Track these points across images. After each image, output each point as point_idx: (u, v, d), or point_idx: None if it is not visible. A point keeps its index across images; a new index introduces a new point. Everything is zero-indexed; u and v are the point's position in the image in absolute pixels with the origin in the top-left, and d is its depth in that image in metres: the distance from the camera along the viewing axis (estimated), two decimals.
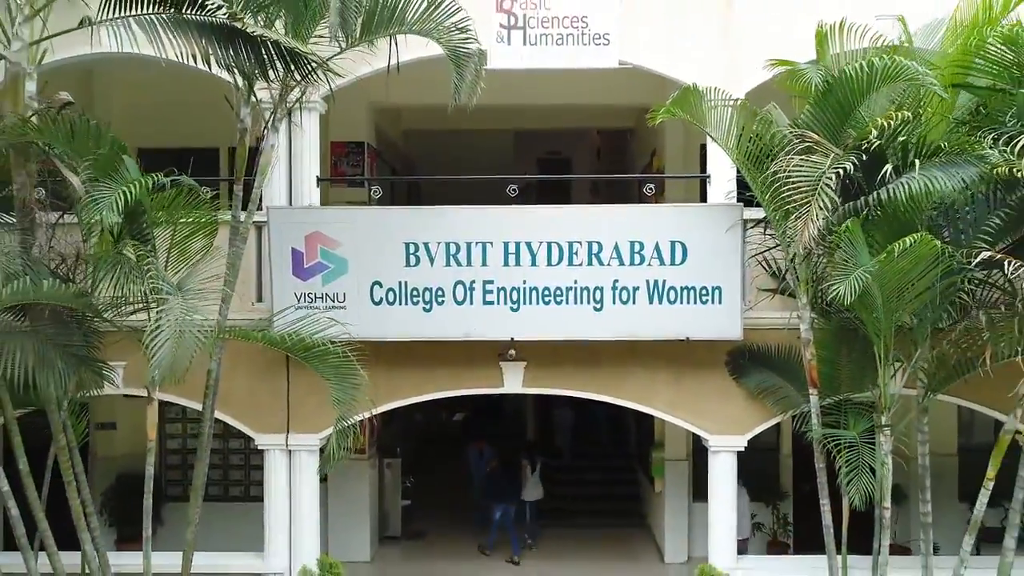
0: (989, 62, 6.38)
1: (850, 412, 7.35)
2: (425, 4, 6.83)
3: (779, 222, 6.81)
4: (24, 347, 5.65)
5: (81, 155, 5.64)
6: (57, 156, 5.68)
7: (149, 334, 5.31)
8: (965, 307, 6.36)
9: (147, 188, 5.51)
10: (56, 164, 5.66)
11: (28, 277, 5.44)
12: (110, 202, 5.22)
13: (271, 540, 8.35)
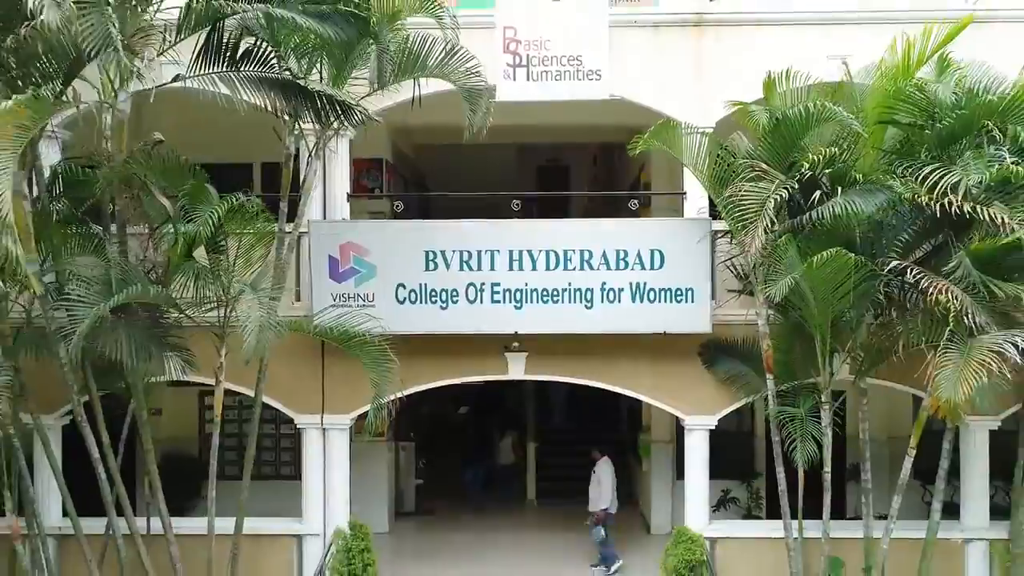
0: (909, 104, 8.01)
1: (801, 394, 9.02)
2: (443, 53, 8.52)
3: (738, 234, 8.47)
4: (127, 337, 7.31)
5: (174, 184, 7.30)
6: (153, 184, 7.34)
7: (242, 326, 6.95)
8: (884, 305, 8.03)
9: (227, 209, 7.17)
10: (152, 190, 7.30)
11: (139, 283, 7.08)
12: (205, 219, 6.89)
13: (308, 506, 10.03)
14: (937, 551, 9.58)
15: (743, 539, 10.15)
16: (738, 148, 8.89)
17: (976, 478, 10.04)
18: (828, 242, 7.65)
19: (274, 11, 6.79)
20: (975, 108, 7.48)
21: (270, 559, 9.96)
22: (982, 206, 6.89)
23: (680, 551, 9.56)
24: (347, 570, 9.43)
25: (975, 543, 10.01)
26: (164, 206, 7.38)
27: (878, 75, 8.27)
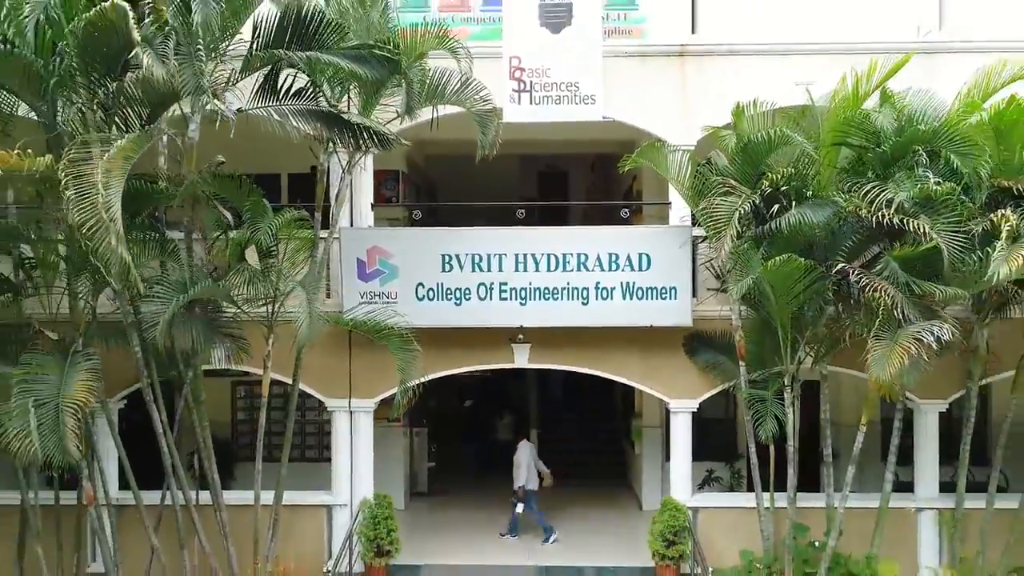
0: (858, 129, 9.61)
1: (770, 379, 10.61)
2: (459, 84, 10.11)
3: (713, 240, 10.06)
4: (195, 328, 8.90)
5: (233, 198, 8.90)
6: (218, 199, 8.93)
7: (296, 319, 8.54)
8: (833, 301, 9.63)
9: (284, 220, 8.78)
10: (215, 204, 8.89)
11: (207, 282, 8.68)
12: (265, 228, 8.50)
13: (337, 480, 11.64)
14: (894, 519, 11.26)
15: (721, 508, 11.77)
16: (716, 165, 10.50)
17: (928, 455, 11.67)
18: (789, 247, 9.26)
19: (323, 56, 8.38)
20: (908, 135, 9.08)
21: (304, 526, 11.55)
22: (910, 218, 8.49)
23: (666, 518, 11.17)
24: (373, 534, 11.03)
25: (926, 512, 11.62)
26: (225, 216, 8.98)
27: (833, 103, 9.83)
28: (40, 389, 8.10)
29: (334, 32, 8.67)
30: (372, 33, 9.26)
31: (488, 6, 11.62)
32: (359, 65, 8.71)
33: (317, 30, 8.54)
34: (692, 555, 11.11)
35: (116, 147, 6.89)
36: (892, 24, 11.61)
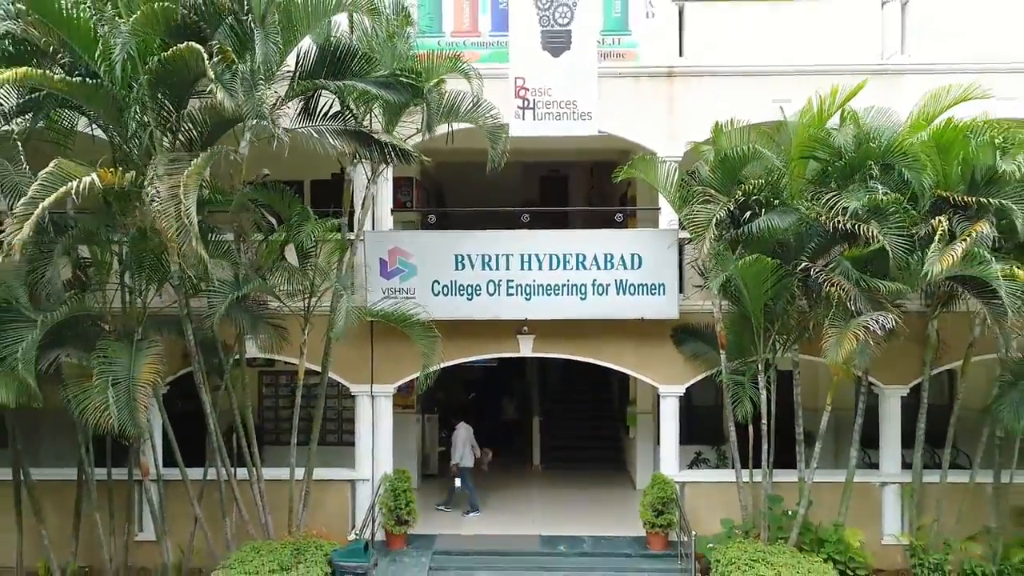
0: (822, 145, 11.22)
1: (748, 366, 12.21)
2: (472, 104, 11.69)
3: (695, 242, 11.65)
4: (244, 319, 10.51)
5: (277, 206, 10.51)
6: (264, 207, 10.54)
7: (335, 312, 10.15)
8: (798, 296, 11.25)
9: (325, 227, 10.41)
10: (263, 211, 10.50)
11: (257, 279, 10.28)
12: (309, 233, 10.12)
13: (360, 457, 13.26)
14: (862, 493, 12.91)
15: (705, 483, 13.42)
16: (699, 174, 12.11)
17: (890, 435, 13.31)
18: (761, 248, 10.88)
19: (356, 84, 9.99)
20: (864, 151, 10.68)
21: (330, 499, 13.16)
22: (862, 223, 10.09)
23: (655, 491, 12.79)
24: (394, 504, 12.64)
25: (889, 486, 13.26)
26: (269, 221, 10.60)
27: (801, 121, 11.43)
28: (115, 371, 9.69)
29: (364, 62, 10.30)
30: (397, 60, 10.83)
31: (496, 32, 13.23)
32: (386, 91, 10.34)
33: (349, 61, 10.18)
34: (678, 524, 12.70)
35: (194, 165, 8.49)
36: (860, 47, 13.22)
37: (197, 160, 8.59)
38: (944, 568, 12.17)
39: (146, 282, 11.08)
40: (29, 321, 9.59)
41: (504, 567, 12.42)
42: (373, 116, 11.82)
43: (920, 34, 13.29)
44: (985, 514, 12.59)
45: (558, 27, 12.84)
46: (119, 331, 10.76)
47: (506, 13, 12.99)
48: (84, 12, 8.73)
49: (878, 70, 12.96)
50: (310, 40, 10.20)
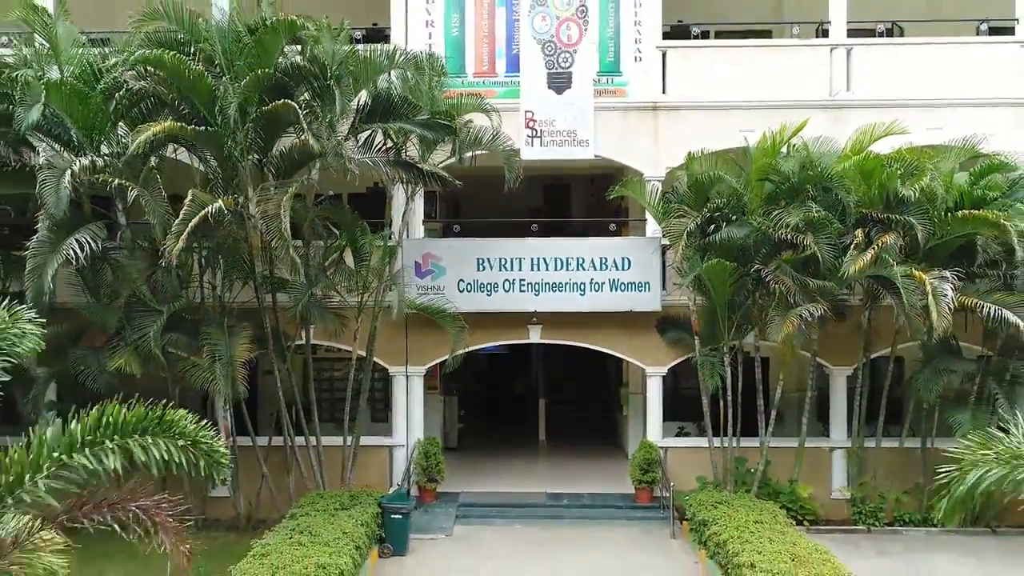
0: (773, 171, 14.61)
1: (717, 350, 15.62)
2: (491, 136, 15.09)
3: (673, 248, 15.07)
4: (315, 311, 13.93)
5: (342, 220, 13.94)
6: (328, 219, 13.96)
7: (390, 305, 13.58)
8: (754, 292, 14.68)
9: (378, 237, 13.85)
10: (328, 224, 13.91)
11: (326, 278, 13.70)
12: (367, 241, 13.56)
13: (396, 426, 16.68)
14: (815, 456, 16.32)
15: (683, 448, 16.88)
16: (677, 192, 15.52)
17: (838, 407, 16.74)
18: (723, 254, 14.30)
19: (404, 126, 13.41)
20: (804, 176, 14.09)
21: (372, 461, 16.55)
22: (800, 234, 13.49)
23: (642, 453, 16.22)
24: (426, 464, 16.06)
25: (837, 450, 16.68)
26: (333, 231, 14.02)
27: (758, 150, 14.80)
28: (219, 350, 13.09)
29: (409, 107, 13.74)
30: (433, 104, 14.23)
31: (510, 73, 16.64)
32: (426, 130, 13.80)
33: (398, 107, 13.62)
34: (661, 481, 16.11)
35: (288, 192, 11.92)
36: (813, 86, 16.66)
37: (291, 188, 12.04)
38: (878, 515, 15.60)
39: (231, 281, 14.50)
40: (153, 311, 12.99)
41: (517, 516, 15.85)
42: (411, 144, 15.26)
43: (864, 75, 16.75)
44: (915, 472, 15.99)
45: (561, 69, 16.32)
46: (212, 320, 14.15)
47: (518, 57, 16.47)
48: (206, 77, 12.11)
49: (827, 105, 16.43)
50: (365, 92, 13.61)
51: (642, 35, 16.60)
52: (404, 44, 16.25)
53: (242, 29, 12.87)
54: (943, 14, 18.73)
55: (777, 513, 13.92)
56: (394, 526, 14.14)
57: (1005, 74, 16.62)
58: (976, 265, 14.14)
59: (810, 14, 17.97)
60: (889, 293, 13.55)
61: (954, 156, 14.28)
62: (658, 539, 15.08)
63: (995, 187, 14.00)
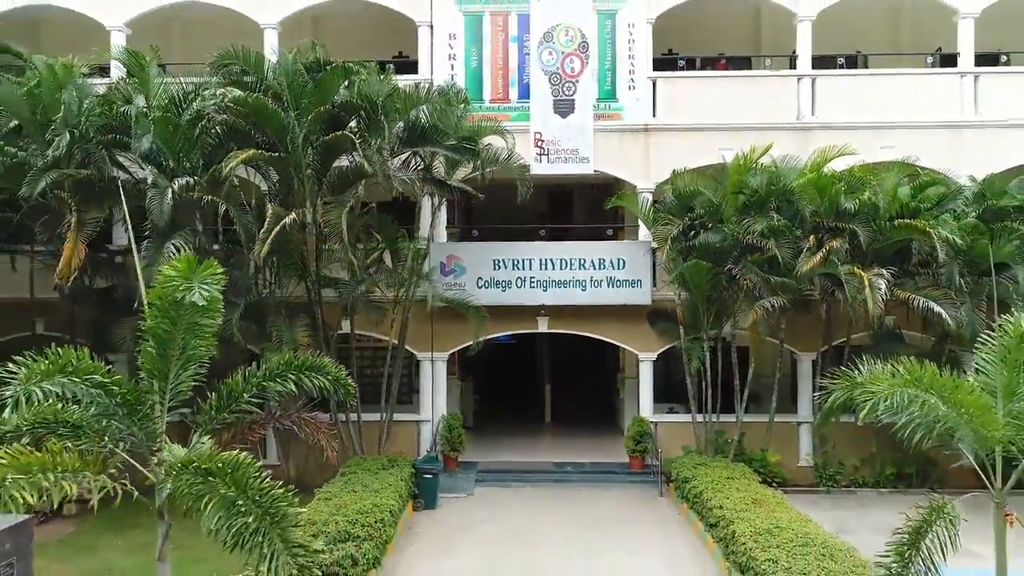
0: (745, 185, 18.08)
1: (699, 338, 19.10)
2: (507, 155, 18.56)
3: (660, 250, 18.57)
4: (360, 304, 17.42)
5: (381, 226, 17.43)
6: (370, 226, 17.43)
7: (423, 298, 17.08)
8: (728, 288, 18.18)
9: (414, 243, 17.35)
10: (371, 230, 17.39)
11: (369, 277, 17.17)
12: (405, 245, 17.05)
13: (423, 404, 20.18)
14: (784, 430, 19.81)
15: (671, 422, 20.38)
16: (665, 202, 19.01)
17: (805, 387, 20.21)
18: (702, 256, 17.80)
19: (436, 150, 16.88)
20: (769, 190, 17.56)
21: (402, 434, 20.02)
22: (765, 239, 16.94)
23: (635, 427, 19.74)
24: (449, 436, 19.55)
25: (804, 425, 20.17)
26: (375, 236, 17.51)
27: (733, 166, 18.24)
28: (284, 334, 16.54)
29: (438, 132, 17.21)
30: (458, 129, 17.66)
31: (521, 99, 20.14)
32: (453, 152, 17.29)
33: (429, 133, 17.09)
34: (652, 450, 19.59)
35: (347, 205, 15.40)
36: (782, 110, 20.19)
37: (349, 202, 15.53)
38: (837, 479, 19.11)
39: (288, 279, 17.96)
40: (231, 303, 16.41)
41: (527, 480, 19.35)
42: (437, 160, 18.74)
43: (826, 101, 20.28)
44: (869, 444, 19.44)
45: (565, 97, 19.83)
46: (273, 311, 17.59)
47: (528, 86, 19.97)
48: (279, 113, 15.57)
49: (795, 127, 19.97)
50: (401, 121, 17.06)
51: (635, 67, 20.12)
52: (430, 74, 19.88)
53: (302, 69, 16.33)
54: (900, 45, 22.35)
55: (747, 472, 17.45)
56: (426, 484, 17.62)
57: (947, 100, 20.18)
58: (912, 264, 17.63)
59: (784, 46, 21.51)
60: (837, 288, 17.02)
61: (895, 173, 17.74)
62: (648, 497, 18.59)
63: (927, 199, 17.47)
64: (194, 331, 7.67)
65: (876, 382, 7.79)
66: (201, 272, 7.05)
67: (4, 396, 6.85)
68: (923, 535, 7.28)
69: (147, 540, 15.04)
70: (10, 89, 15.96)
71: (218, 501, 7.11)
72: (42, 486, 7.03)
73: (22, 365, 6.97)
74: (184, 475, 7.42)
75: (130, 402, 7.63)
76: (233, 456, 7.42)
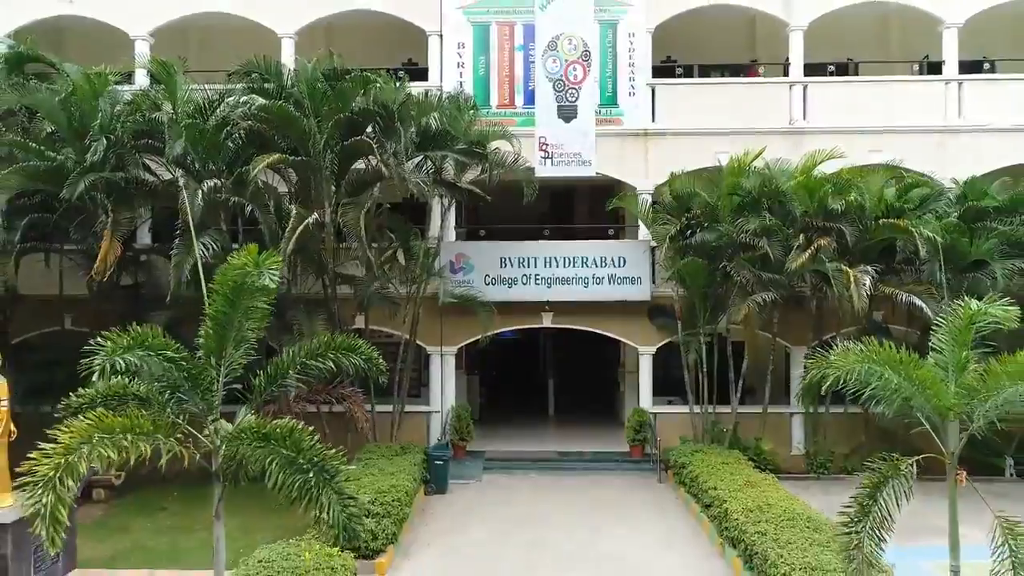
0: (739, 187, 19.40)
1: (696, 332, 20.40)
2: (513, 158, 19.86)
3: (659, 249, 19.87)
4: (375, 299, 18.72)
5: (396, 227, 18.73)
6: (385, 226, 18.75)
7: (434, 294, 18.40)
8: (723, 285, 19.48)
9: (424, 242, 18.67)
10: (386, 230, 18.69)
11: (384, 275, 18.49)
12: (418, 245, 18.36)
13: (433, 395, 21.49)
14: (777, 420, 21.10)
15: (669, 413, 21.68)
16: (663, 203, 20.32)
17: (797, 379, 21.48)
18: (699, 253, 19.12)
19: (447, 153, 18.19)
20: (761, 191, 18.86)
21: (413, 425, 21.31)
22: (756, 237, 18.25)
23: (635, 417, 21.05)
24: (458, 425, 20.85)
25: (796, 415, 21.46)
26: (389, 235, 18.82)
27: (728, 170, 19.55)
28: (304, 327, 17.81)
29: (448, 137, 18.52)
30: (467, 135, 18.96)
31: (527, 105, 21.46)
32: (463, 156, 18.61)
33: (440, 139, 18.40)
34: (651, 440, 20.88)
35: (365, 206, 16.70)
36: (776, 115, 21.51)
37: (367, 203, 16.85)
38: (827, 466, 20.38)
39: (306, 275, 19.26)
40: None
41: (532, 468, 20.65)
42: (447, 164, 20.04)
43: (817, 106, 21.61)
44: (859, 433, 20.71)
45: (569, 103, 21.14)
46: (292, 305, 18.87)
47: (533, 93, 21.28)
48: (301, 120, 16.88)
49: (787, 131, 21.29)
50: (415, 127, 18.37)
51: (635, 74, 21.45)
52: (439, 81, 21.22)
53: (321, 77, 17.63)
54: (889, 53, 23.69)
55: (740, 458, 18.72)
56: (437, 470, 18.91)
57: (933, 106, 21.51)
58: (897, 262, 18.94)
59: (778, 54, 22.84)
60: (826, 284, 18.32)
61: (881, 175, 19.06)
62: (648, 483, 19.90)
63: (911, 200, 18.78)
64: (249, 314, 8.96)
65: (843, 360, 9.07)
66: (265, 260, 8.32)
67: (93, 365, 8.13)
68: (881, 488, 8.56)
69: (173, 523, 16.57)
70: (48, 97, 17.25)
71: (280, 461, 8.39)
72: (122, 445, 8.32)
73: (107, 339, 8.25)
74: (244, 440, 8.70)
75: (194, 376, 8.91)
76: (288, 422, 8.70)
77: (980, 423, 8.66)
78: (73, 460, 7.80)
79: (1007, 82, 21.83)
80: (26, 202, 18.20)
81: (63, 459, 7.71)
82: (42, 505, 7.49)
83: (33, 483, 7.64)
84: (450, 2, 21.59)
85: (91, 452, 8.07)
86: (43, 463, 7.66)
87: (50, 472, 7.60)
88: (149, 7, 21.67)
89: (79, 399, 9.28)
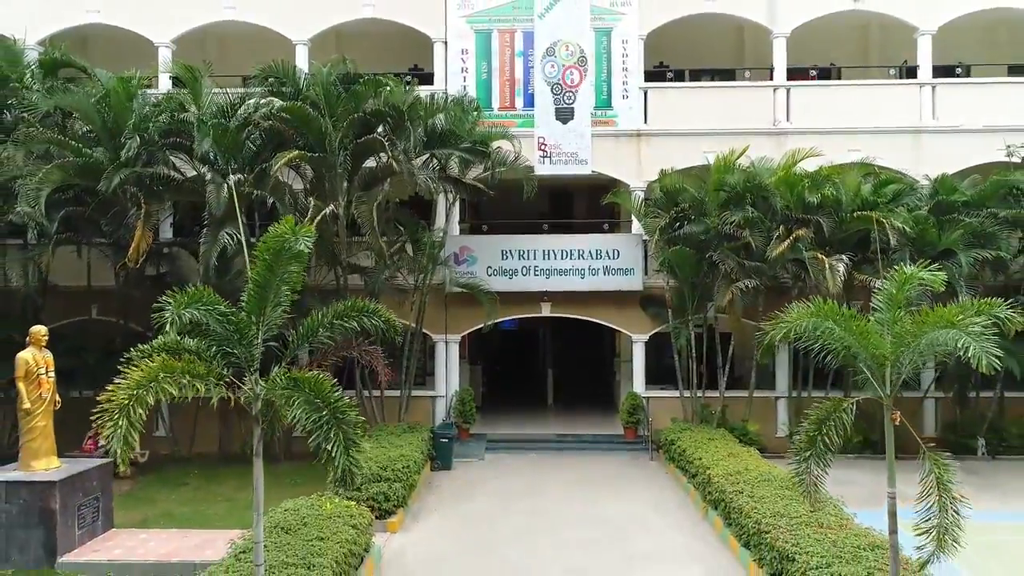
0: (725, 183, 21.17)
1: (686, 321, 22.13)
2: (514, 157, 21.68)
3: (650, 241, 21.64)
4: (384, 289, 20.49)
5: (405, 222, 20.52)
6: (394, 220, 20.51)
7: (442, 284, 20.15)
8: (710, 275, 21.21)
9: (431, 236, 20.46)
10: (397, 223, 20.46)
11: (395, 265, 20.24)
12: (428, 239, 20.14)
13: (438, 380, 23.25)
14: (764, 404, 22.80)
15: (661, 397, 23.41)
16: (655, 198, 22.09)
17: (781, 366, 23.21)
18: (687, 244, 20.86)
19: (452, 152, 20.00)
20: (745, 187, 20.62)
21: (419, 408, 23.03)
22: (741, 228, 20.00)
23: (629, 400, 22.79)
24: (462, 409, 22.58)
25: (781, 399, 23.17)
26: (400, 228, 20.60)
27: (715, 166, 21.32)
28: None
29: (453, 137, 20.33)
30: (471, 135, 20.76)
31: (526, 107, 23.30)
32: (468, 154, 20.43)
33: (446, 138, 20.20)
34: (644, 422, 22.60)
35: (378, 199, 18.48)
36: (760, 117, 23.33)
37: (379, 197, 18.64)
38: None
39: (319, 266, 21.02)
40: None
41: (533, 448, 22.37)
42: (451, 162, 21.83)
43: (800, 108, 23.42)
44: None
45: (566, 105, 22.97)
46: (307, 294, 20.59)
47: (533, 96, 23.12)
48: (319, 119, 18.69)
49: (771, 132, 23.09)
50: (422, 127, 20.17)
51: (629, 78, 23.28)
52: (444, 85, 23.04)
53: (335, 81, 19.44)
54: (869, 58, 25.52)
55: (726, 435, 20.45)
56: (442, 448, 20.64)
57: (909, 108, 23.32)
58: (871, 252, 20.66)
59: (766, 59, 24.66)
60: (804, 272, 20.07)
61: (856, 172, 20.84)
62: (640, 461, 21.62)
63: (885, 195, 20.56)
64: (285, 278, 10.71)
65: (796, 315, 10.80)
66: (300, 230, 10.08)
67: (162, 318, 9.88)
68: (825, 423, 10.26)
69: (196, 496, 18.33)
70: (84, 98, 19.07)
71: (303, 400, 10.13)
72: (181, 383, 10.05)
73: (172, 296, 10.00)
74: (278, 386, 10.45)
75: (241, 330, 10.66)
76: (314, 374, 10.45)
77: (908, 368, 10.34)
78: (142, 393, 9.53)
79: (978, 86, 23.67)
80: (60, 197, 19.98)
81: (135, 391, 9.44)
82: (118, 427, 9.19)
83: (109, 411, 9.33)
84: (454, 11, 23.46)
85: (157, 388, 9.80)
86: (118, 393, 9.38)
87: (124, 400, 9.31)
88: (173, 16, 23.53)
89: (142, 350, 11.01)
